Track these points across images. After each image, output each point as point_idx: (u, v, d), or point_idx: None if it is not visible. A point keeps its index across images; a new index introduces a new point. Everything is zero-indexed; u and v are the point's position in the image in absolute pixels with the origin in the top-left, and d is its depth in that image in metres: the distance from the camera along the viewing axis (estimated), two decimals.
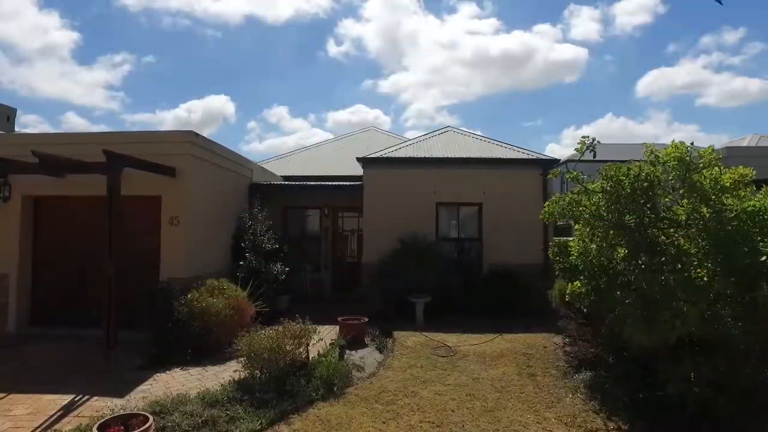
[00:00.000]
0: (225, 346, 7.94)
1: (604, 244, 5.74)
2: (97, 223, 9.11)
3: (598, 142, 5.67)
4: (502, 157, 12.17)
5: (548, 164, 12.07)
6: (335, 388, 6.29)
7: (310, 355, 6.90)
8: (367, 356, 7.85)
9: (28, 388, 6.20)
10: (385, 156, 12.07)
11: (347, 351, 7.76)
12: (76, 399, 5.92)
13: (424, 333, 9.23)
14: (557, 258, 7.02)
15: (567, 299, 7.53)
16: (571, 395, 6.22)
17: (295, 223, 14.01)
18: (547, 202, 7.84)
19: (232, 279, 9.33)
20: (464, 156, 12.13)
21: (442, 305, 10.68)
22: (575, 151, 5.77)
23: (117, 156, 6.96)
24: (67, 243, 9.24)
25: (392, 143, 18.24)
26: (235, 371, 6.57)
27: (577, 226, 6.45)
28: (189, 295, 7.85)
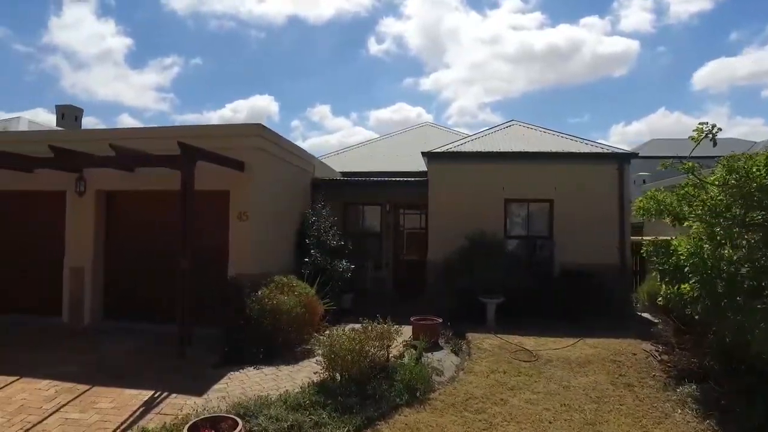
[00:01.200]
0: (295, 345, 7.75)
1: (727, 244, 5.11)
2: (164, 218, 9.13)
3: (720, 129, 5.05)
4: (575, 151, 11.50)
5: (624, 158, 11.35)
6: (418, 393, 5.93)
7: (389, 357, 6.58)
8: (444, 359, 7.46)
9: (110, 381, 6.16)
10: (452, 150, 11.63)
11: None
12: (156, 395, 5.81)
13: (499, 335, 8.75)
14: (654, 258, 6.42)
15: (660, 302, 6.88)
16: (680, 410, 5.63)
17: (355, 220, 13.77)
18: (638, 198, 7.22)
19: (296, 276, 9.16)
20: (535, 150, 11.54)
21: (513, 306, 10.16)
22: (691, 140, 5.16)
23: (191, 149, 6.84)
24: (136, 237, 9.29)
25: (450, 139, 17.80)
26: (315, 373, 6.34)
27: (689, 224, 5.83)
28: (259, 292, 7.68)
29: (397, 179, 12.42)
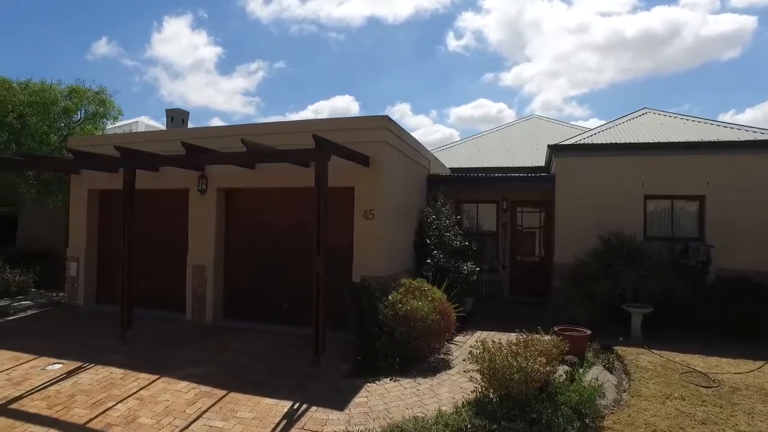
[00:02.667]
0: (428, 354, 7.14)
1: None
2: (282, 216, 8.89)
3: None
4: (732, 139, 9.93)
5: None
6: (587, 420, 5.07)
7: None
8: (598, 377, 6.48)
9: (246, 388, 5.88)
10: (583, 142, 10.49)
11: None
12: (295, 407, 5.41)
13: (653, 350, 7.59)
14: None
15: None
16: None
17: (469, 218, 12.95)
18: None
19: (416, 278, 8.58)
20: (681, 140, 10.11)
21: (659, 316, 8.89)
22: None
23: (326, 142, 6.40)
24: (254, 236, 9.14)
25: (562, 131, 16.54)
26: (460, 388, 5.65)
27: None
28: (390, 297, 7.13)
29: (517, 175, 11.49)
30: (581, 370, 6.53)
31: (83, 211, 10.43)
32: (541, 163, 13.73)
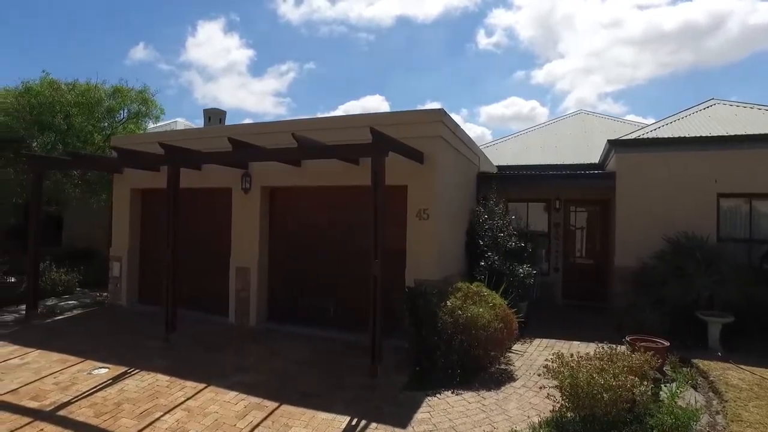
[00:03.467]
0: (487, 364, 6.61)
1: None
2: (328, 216, 8.49)
3: None
4: None
5: None
6: None
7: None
8: (684, 395, 5.82)
9: (298, 400, 5.48)
10: (648, 137, 9.72)
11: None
12: (353, 423, 4.97)
13: (742, 366, 6.85)
14: None
15: None
16: None
17: (517, 218, 12.28)
18: None
19: (469, 281, 8.07)
20: (761, 132, 9.23)
21: (739, 326, 8.10)
22: None
23: (383, 137, 5.94)
24: (299, 236, 8.76)
25: (613, 127, 15.67)
26: (537, 407, 5.11)
27: None
28: (449, 302, 6.63)
29: (572, 172, 10.80)
30: (672, 388, 5.86)
31: (126, 210, 10.30)
32: (594, 159, 12.97)
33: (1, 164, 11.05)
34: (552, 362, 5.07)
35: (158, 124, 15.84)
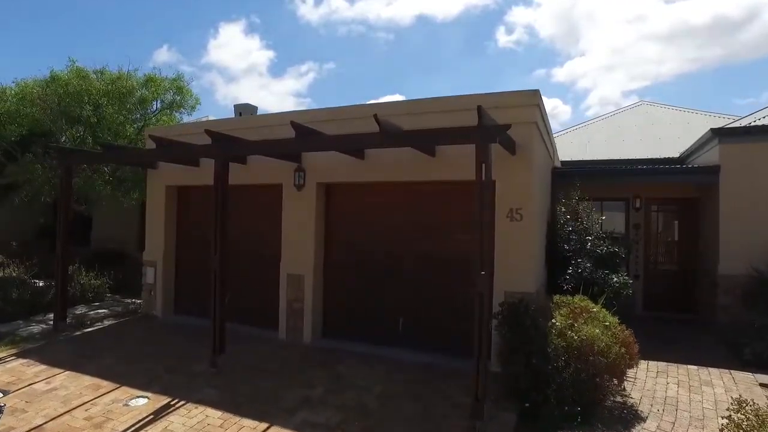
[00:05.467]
0: (600, 396, 5.39)
1: None
2: (398, 216, 7.35)
3: None
4: None
5: None
6: None
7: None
8: None
9: None
10: (765, 124, 8.35)
11: None
12: None
13: None
14: None
15: None
16: None
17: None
18: None
19: (550, 291, 6.91)
20: None
21: None
22: None
23: (491, 120, 4.77)
24: (360, 239, 7.64)
25: (680, 117, 14.29)
26: None
27: None
28: (556, 322, 5.43)
29: (661, 167, 9.49)
30: None
31: (161, 210, 9.31)
32: (665, 153, 11.74)
33: (30, 160, 10.18)
34: (734, 412, 3.83)
35: (191, 119, 14.93)
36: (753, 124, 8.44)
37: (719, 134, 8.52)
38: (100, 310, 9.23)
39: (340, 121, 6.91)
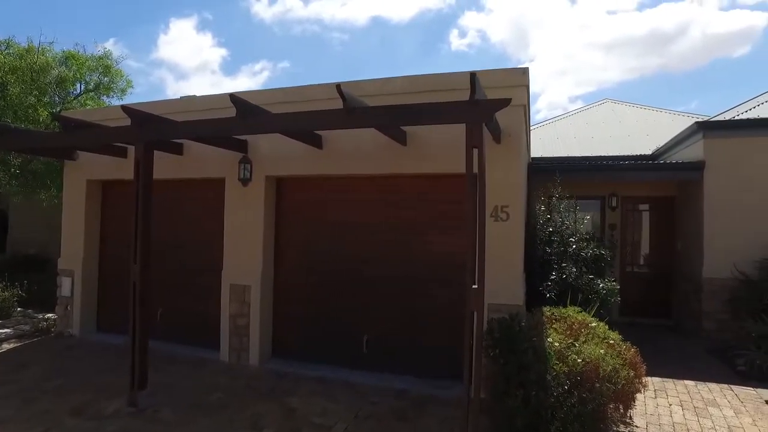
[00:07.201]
0: (606, 428, 4.57)
1: None
2: (364, 216, 6.33)
3: None
4: None
5: None
6: None
7: None
8: None
9: None
10: (757, 117, 7.83)
11: None
12: None
13: None
14: None
15: None
16: None
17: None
18: None
19: (530, 300, 6.08)
20: None
21: None
22: None
23: (482, 95, 3.80)
24: (319, 243, 6.55)
25: (646, 116, 13.97)
26: None
27: None
28: (554, 341, 4.54)
29: (640, 162, 8.89)
30: None
31: (80, 209, 7.88)
32: (636, 150, 11.28)
33: None
34: None
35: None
36: (737, 117, 7.93)
37: (704, 128, 7.96)
38: (2, 330, 7.69)
39: (299, 103, 5.76)
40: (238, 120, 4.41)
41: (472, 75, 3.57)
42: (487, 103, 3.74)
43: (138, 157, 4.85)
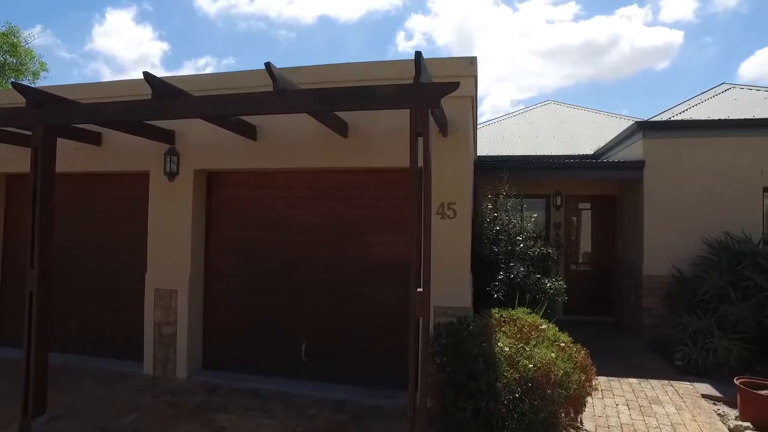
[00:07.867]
0: (553, 430, 4.37)
1: None
2: (300, 213, 5.90)
3: None
4: None
5: None
6: None
7: None
8: None
9: None
10: (692, 119, 7.98)
11: None
12: None
13: None
14: None
15: None
16: None
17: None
18: None
19: (477, 301, 5.87)
20: None
21: None
22: None
23: (428, 78, 3.48)
24: (253, 243, 6.06)
25: (587, 117, 14.24)
26: None
27: None
28: (504, 345, 4.29)
29: (585, 161, 8.94)
30: None
31: None
32: (578, 150, 11.56)
33: None
34: None
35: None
36: (674, 118, 8.08)
37: (644, 128, 8.05)
38: None
39: (230, 90, 5.23)
40: (154, 102, 3.87)
41: (417, 54, 3.24)
42: (434, 86, 3.42)
43: (36, 144, 4.18)
